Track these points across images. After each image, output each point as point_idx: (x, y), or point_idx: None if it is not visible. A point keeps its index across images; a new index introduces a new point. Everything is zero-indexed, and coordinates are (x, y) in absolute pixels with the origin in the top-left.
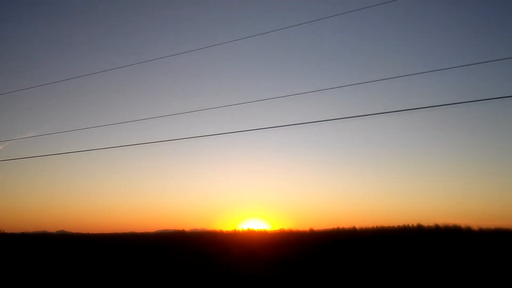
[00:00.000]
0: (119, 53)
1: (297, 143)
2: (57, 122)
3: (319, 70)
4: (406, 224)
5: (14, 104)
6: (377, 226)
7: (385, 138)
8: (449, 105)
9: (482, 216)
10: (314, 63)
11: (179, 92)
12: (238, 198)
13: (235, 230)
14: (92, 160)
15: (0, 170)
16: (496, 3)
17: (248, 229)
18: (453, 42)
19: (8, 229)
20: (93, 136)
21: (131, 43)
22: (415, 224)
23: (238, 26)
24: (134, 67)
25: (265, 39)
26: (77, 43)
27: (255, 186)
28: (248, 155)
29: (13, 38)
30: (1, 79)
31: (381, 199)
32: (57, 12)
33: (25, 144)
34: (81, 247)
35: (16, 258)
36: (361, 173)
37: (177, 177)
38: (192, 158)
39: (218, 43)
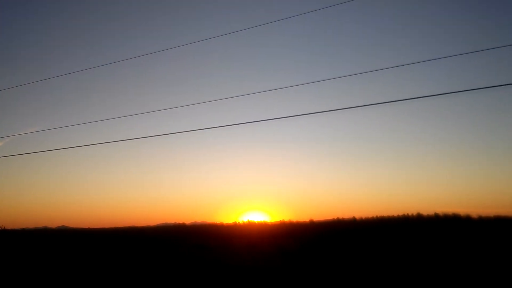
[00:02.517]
0: (121, 47)
1: (296, 134)
2: (56, 117)
3: (319, 61)
4: (406, 214)
5: (15, 99)
6: (376, 216)
7: (383, 128)
8: (446, 94)
9: (481, 204)
10: (313, 54)
11: (177, 85)
12: (238, 191)
13: (235, 222)
14: (92, 154)
15: (0, 166)
16: None
17: (249, 221)
18: (451, 31)
19: (9, 226)
20: (92, 131)
21: (130, 36)
22: (414, 213)
23: (239, 17)
24: (136, 61)
25: (265, 30)
26: (79, 37)
27: (255, 178)
28: (247, 147)
29: (14, 33)
30: (2, 74)
31: (381, 189)
32: (56, 6)
33: (25, 140)
34: (82, 242)
35: (18, 255)
36: (360, 163)
37: (176, 171)
38: (191, 152)
39: (218, 35)
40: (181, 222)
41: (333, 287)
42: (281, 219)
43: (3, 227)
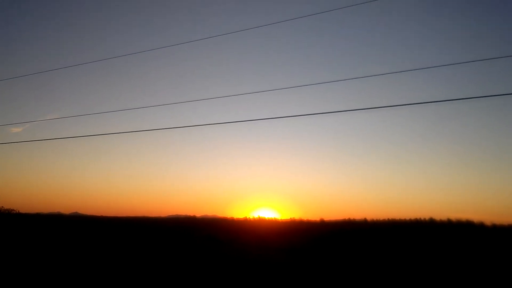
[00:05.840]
0: (143, 37)
1: (311, 133)
2: (74, 105)
3: (335, 60)
4: (418, 218)
5: (34, 87)
6: (388, 219)
7: (398, 131)
8: (463, 100)
9: (495, 212)
10: (326, 55)
11: (196, 80)
12: (250, 187)
13: (246, 217)
14: (107, 144)
15: (18, 152)
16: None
17: (259, 217)
18: (455, 38)
19: (24, 210)
20: (109, 121)
21: (145, 30)
22: (427, 217)
23: (248, 16)
24: (160, 52)
25: (275, 31)
26: (98, 27)
27: (267, 175)
28: (262, 144)
29: (34, 22)
30: (22, 62)
31: (393, 192)
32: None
33: (43, 126)
34: (94, 229)
35: (31, 238)
36: (374, 165)
37: (189, 164)
38: (205, 147)
39: (229, 32)
40: (191, 214)
41: (338, 285)
42: (292, 216)
43: (17, 211)
